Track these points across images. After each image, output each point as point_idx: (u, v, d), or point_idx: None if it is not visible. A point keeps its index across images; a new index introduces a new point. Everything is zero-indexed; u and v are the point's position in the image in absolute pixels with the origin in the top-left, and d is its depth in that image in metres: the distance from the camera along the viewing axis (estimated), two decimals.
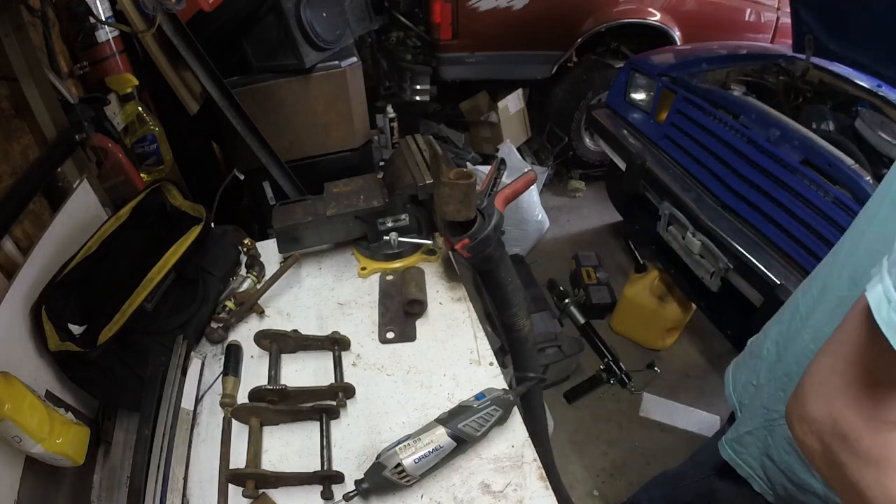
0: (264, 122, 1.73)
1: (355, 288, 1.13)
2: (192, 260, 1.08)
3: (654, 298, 2.16)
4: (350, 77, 1.92)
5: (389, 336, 1.01)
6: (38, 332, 0.84)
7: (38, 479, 0.80)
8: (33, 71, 1.08)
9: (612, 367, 2.14)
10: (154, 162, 1.81)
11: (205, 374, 0.98)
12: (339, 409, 0.87)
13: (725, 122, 1.76)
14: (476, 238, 0.88)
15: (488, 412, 0.79)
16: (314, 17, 1.75)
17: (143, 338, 0.95)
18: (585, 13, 2.89)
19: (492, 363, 0.95)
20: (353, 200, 1.11)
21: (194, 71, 1.53)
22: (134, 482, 0.77)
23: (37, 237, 0.94)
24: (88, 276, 0.93)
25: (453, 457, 0.78)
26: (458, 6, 2.76)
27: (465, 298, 1.08)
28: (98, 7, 1.57)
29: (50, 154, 1.14)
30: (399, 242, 1.13)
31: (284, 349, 0.99)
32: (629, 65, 2.33)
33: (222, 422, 0.88)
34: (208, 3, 1.64)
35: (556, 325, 2.12)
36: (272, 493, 0.78)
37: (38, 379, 0.83)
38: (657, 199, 1.96)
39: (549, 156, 3.26)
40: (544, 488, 0.76)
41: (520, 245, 2.66)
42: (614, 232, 3.04)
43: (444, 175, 0.87)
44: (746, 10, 3.06)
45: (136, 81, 1.70)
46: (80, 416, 0.88)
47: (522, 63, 3.04)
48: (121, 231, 1.01)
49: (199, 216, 1.15)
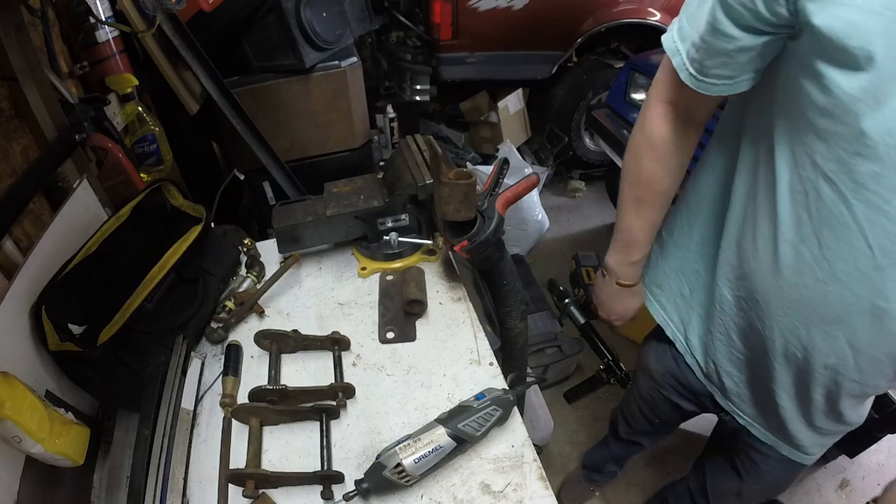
0: (264, 122, 1.73)
1: (355, 288, 1.13)
2: (192, 260, 1.08)
3: None
4: (350, 77, 1.92)
5: (389, 336, 1.01)
6: (38, 332, 0.84)
7: (38, 479, 0.80)
8: (33, 71, 1.08)
9: (612, 367, 2.13)
10: (154, 162, 1.81)
11: (205, 374, 0.98)
12: (339, 409, 0.87)
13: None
14: (475, 241, 0.88)
15: (488, 412, 0.79)
16: (314, 17, 1.75)
17: (143, 338, 0.95)
18: (585, 13, 2.89)
19: (492, 363, 0.95)
20: (353, 200, 1.11)
21: (194, 71, 1.53)
22: (134, 482, 0.77)
23: (37, 237, 0.94)
24: (88, 276, 0.92)
25: (453, 457, 0.78)
26: (458, 6, 2.76)
27: (465, 298, 1.08)
28: (98, 7, 1.57)
29: (50, 154, 1.14)
30: (399, 242, 1.13)
31: (284, 349, 0.99)
32: (629, 65, 2.33)
33: (222, 422, 0.88)
34: (208, 3, 1.64)
35: (556, 325, 2.12)
36: (272, 493, 0.78)
37: (38, 379, 0.83)
38: None
39: (549, 156, 3.26)
40: (544, 488, 0.76)
41: (520, 245, 2.66)
42: None
43: (444, 175, 0.87)
44: None
45: (136, 81, 1.70)
46: (80, 416, 0.88)
47: (522, 63, 3.04)
48: (121, 231, 1.01)
49: (199, 216, 1.15)
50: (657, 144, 0.80)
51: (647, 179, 0.83)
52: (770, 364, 0.82)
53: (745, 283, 0.79)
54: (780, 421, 0.88)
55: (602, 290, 1.04)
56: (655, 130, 0.79)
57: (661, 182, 0.83)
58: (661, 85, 0.78)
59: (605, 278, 1.01)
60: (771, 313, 0.77)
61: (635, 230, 0.89)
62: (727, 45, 0.63)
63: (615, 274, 0.97)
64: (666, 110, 0.78)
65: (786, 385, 0.83)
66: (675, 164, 0.82)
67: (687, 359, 1.00)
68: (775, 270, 0.72)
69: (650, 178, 0.83)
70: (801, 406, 0.85)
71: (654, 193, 0.84)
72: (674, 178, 0.83)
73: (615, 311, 1.04)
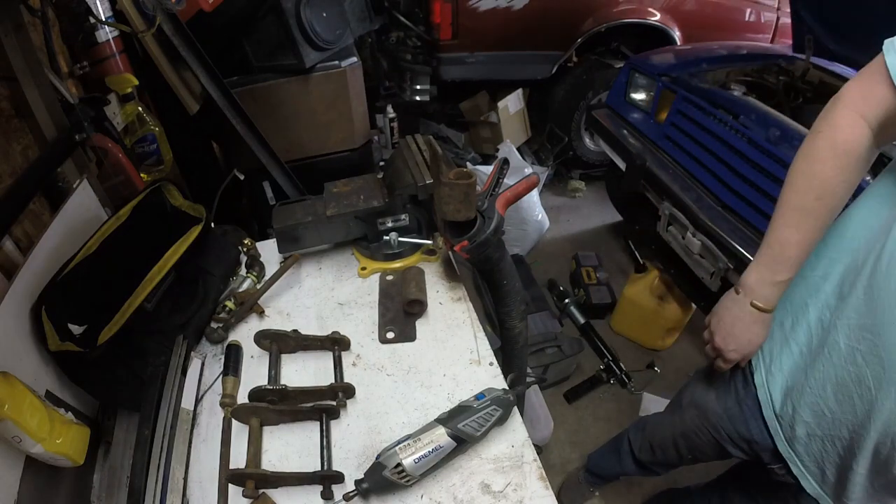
0: (264, 122, 1.73)
1: (355, 288, 1.13)
2: (192, 260, 1.08)
3: (654, 298, 2.16)
4: (350, 77, 1.92)
5: (389, 336, 1.01)
6: (38, 332, 0.84)
7: (38, 479, 0.79)
8: (33, 71, 1.08)
9: (612, 367, 2.14)
10: (154, 162, 1.81)
11: (205, 374, 0.98)
12: (339, 409, 0.87)
13: (725, 122, 1.76)
14: (475, 241, 0.88)
15: (488, 412, 0.79)
16: (314, 17, 1.75)
17: (143, 338, 0.95)
18: (585, 13, 2.90)
19: (492, 363, 0.95)
20: (353, 200, 1.11)
21: (194, 71, 1.52)
22: (134, 482, 0.77)
23: (37, 237, 0.94)
24: (88, 276, 0.92)
25: (453, 457, 0.78)
26: (458, 6, 2.76)
27: (465, 298, 1.08)
28: (98, 7, 1.57)
29: (50, 154, 1.14)
30: (399, 242, 1.13)
31: (284, 349, 0.99)
32: (629, 65, 2.33)
33: (222, 422, 0.88)
34: (208, 3, 1.64)
35: (556, 325, 2.12)
36: (272, 493, 0.78)
37: (38, 379, 0.83)
38: (657, 199, 1.96)
39: (549, 156, 3.26)
40: (544, 488, 0.76)
41: (520, 245, 2.66)
42: (614, 232, 3.04)
43: (444, 175, 0.87)
44: (746, 10, 3.06)
45: (136, 81, 1.70)
46: (80, 416, 0.88)
47: (522, 63, 3.04)
48: (121, 231, 1.01)
49: (198, 216, 1.15)
50: (845, 151, 0.73)
51: (821, 189, 0.75)
52: (865, 430, 0.74)
53: (871, 337, 0.71)
54: (843, 483, 0.82)
55: (729, 311, 0.88)
56: (847, 136, 0.73)
57: (835, 195, 0.75)
58: (858, 92, 0.73)
59: (739, 297, 0.86)
60: (891, 378, 0.69)
61: (791, 245, 0.79)
62: None
63: (753, 293, 0.84)
64: (858, 118, 0.73)
65: (867, 453, 0.76)
66: (855, 179, 0.75)
67: (759, 393, 0.91)
68: None
69: (825, 188, 0.75)
70: (873, 476, 0.79)
71: (825, 207, 0.76)
72: (848, 194, 0.76)
73: (738, 339, 0.87)
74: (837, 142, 0.73)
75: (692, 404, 1.09)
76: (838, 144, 0.73)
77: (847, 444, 0.79)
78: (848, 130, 0.73)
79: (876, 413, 0.73)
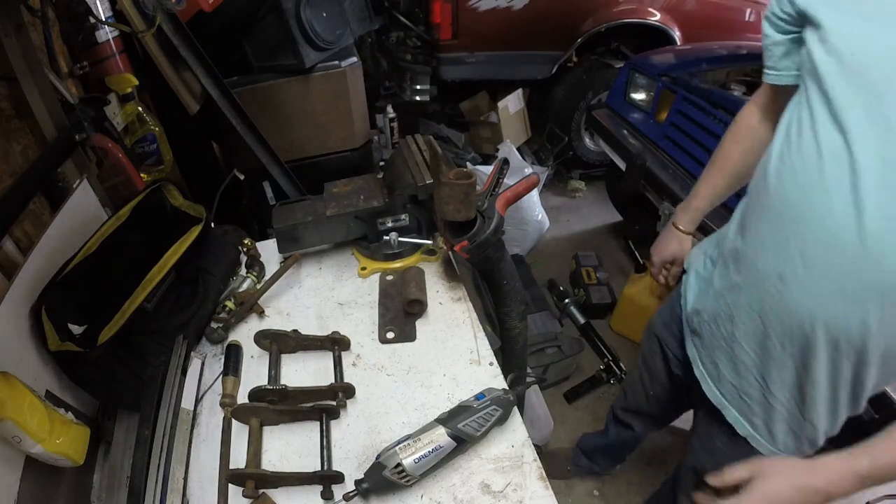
0: (264, 122, 1.73)
1: (355, 288, 1.13)
2: (192, 260, 1.08)
3: (654, 298, 2.16)
4: (350, 77, 1.92)
5: (389, 336, 1.01)
6: (38, 332, 0.84)
7: (38, 479, 0.80)
8: (33, 71, 1.08)
9: (612, 367, 2.13)
10: (154, 162, 1.81)
11: (205, 374, 0.98)
12: (339, 409, 0.87)
13: (725, 123, 1.76)
14: (475, 241, 0.88)
15: (488, 412, 0.79)
16: (314, 17, 1.75)
17: (143, 338, 0.95)
18: (585, 13, 2.90)
19: (492, 363, 0.95)
20: (353, 200, 1.11)
21: (194, 71, 1.52)
22: (134, 482, 0.77)
23: (37, 237, 0.94)
24: (88, 276, 0.93)
25: (453, 457, 0.78)
26: (458, 6, 2.76)
27: (465, 298, 1.08)
28: (98, 7, 1.57)
29: (50, 154, 1.14)
30: (399, 242, 1.13)
31: (284, 349, 0.99)
32: (629, 65, 2.34)
33: (222, 422, 0.88)
34: (208, 3, 1.64)
35: (556, 325, 2.12)
36: (272, 493, 0.78)
37: (38, 379, 0.83)
38: (657, 199, 1.96)
39: (549, 156, 3.26)
40: (544, 488, 0.76)
41: (520, 245, 2.66)
42: (614, 232, 3.03)
43: (444, 175, 0.87)
44: (746, 10, 3.06)
45: (136, 81, 1.70)
46: (80, 416, 0.88)
47: (522, 63, 3.04)
48: (121, 231, 1.01)
49: (199, 216, 1.15)
50: (735, 122, 1.02)
51: (719, 151, 1.06)
52: (738, 319, 0.86)
53: (751, 250, 0.84)
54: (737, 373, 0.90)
55: (663, 233, 1.21)
56: (741, 114, 1.01)
57: (728, 156, 1.04)
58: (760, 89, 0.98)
59: (669, 223, 1.17)
60: (758, 277, 0.83)
61: (699, 186, 1.10)
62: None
63: (675, 217, 1.16)
64: (752, 103, 1.00)
65: (748, 340, 0.86)
66: (748, 144, 1.01)
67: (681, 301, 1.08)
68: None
69: (721, 150, 1.05)
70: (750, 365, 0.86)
71: (722, 160, 1.05)
72: (743, 156, 1.02)
73: (656, 248, 1.20)
74: (735, 120, 1.03)
75: (646, 330, 1.27)
76: (735, 121, 1.03)
77: (729, 331, 0.89)
78: (743, 111, 1.01)
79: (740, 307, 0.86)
